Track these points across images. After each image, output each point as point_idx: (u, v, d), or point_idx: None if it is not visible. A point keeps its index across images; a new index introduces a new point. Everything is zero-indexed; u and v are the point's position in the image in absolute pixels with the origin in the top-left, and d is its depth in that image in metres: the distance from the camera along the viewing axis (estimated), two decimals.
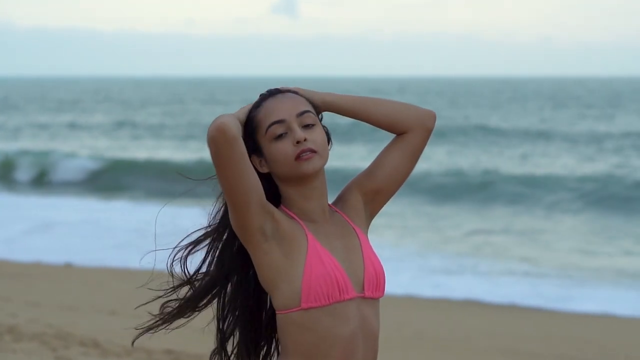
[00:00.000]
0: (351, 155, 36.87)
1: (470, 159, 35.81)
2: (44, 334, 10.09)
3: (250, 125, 3.09)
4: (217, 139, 2.88)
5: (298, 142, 3.01)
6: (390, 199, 3.30)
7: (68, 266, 15.34)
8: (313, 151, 3.03)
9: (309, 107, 3.10)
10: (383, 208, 3.30)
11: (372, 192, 3.24)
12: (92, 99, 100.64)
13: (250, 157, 3.06)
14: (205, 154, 38.28)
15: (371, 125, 3.30)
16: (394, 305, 11.29)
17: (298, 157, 3.02)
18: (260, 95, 3.16)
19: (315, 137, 3.04)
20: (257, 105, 3.11)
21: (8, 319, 10.85)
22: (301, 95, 3.13)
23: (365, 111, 3.23)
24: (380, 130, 3.26)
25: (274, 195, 3.15)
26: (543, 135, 45.93)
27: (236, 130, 2.90)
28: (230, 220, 3.04)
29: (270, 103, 3.08)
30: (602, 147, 39.90)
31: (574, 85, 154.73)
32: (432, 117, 3.27)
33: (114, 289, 13.55)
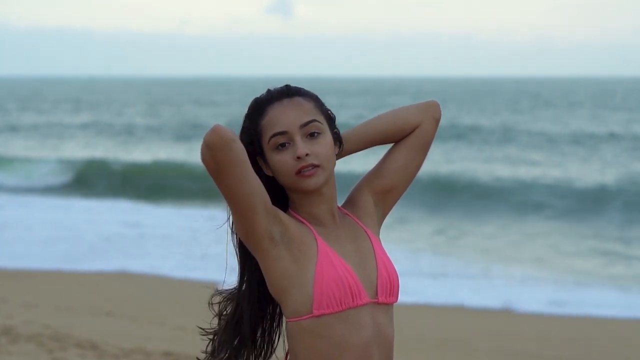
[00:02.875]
0: (348, 157, 36.66)
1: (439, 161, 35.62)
2: (41, 336, 10.04)
3: (255, 130, 2.98)
4: (214, 143, 2.75)
5: (299, 158, 2.91)
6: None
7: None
8: (315, 166, 2.92)
9: (315, 115, 2.97)
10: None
11: (383, 190, 3.13)
12: (78, 99, 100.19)
13: (255, 158, 2.98)
14: (161, 153, 38.12)
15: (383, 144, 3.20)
16: (394, 308, 11.23)
17: (299, 173, 2.92)
18: (268, 91, 3.03)
19: (318, 149, 2.92)
20: (262, 111, 2.98)
21: (4, 321, 10.79)
22: (310, 99, 3.01)
23: (368, 132, 3.14)
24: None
25: (281, 198, 3.05)
26: (525, 135, 45.86)
27: (232, 132, 2.78)
28: (236, 228, 2.92)
29: (274, 111, 2.96)
30: (579, 149, 39.78)
31: (570, 86, 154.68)
32: (436, 106, 3.19)
33: (110, 290, 13.49)
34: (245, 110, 3.11)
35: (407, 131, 3.15)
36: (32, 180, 31.40)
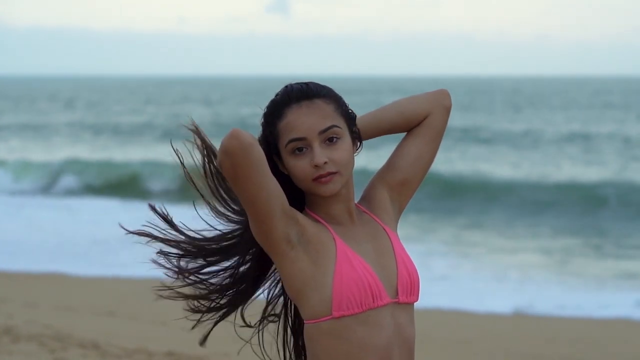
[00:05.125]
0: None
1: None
2: (42, 336, 9.98)
3: (272, 132, 2.91)
4: (233, 148, 2.68)
5: (316, 166, 2.84)
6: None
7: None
8: (333, 173, 2.86)
9: (335, 119, 2.90)
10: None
11: (398, 184, 3.07)
12: (73, 98, 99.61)
13: (271, 157, 2.92)
14: (112, 153, 37.83)
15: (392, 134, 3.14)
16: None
17: (316, 179, 2.86)
18: (286, 89, 2.94)
19: (337, 155, 2.86)
20: (279, 113, 2.90)
21: (5, 320, 10.73)
22: (330, 100, 2.93)
23: (377, 122, 3.08)
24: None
25: (297, 195, 2.98)
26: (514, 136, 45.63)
27: (252, 137, 2.71)
28: (253, 232, 2.86)
29: (292, 114, 2.88)
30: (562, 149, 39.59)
31: (570, 85, 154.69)
32: (446, 94, 3.12)
33: (111, 290, 13.43)
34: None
35: (417, 121, 3.10)
36: (23, 181, 31.00)
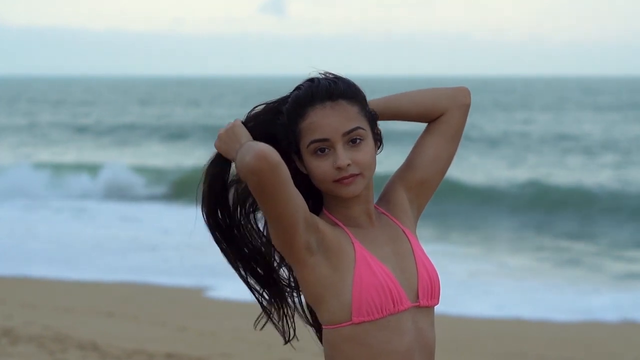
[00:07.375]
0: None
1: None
2: (41, 337, 9.93)
3: (294, 131, 2.85)
4: (261, 168, 2.61)
5: (339, 168, 2.79)
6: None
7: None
8: (355, 175, 2.81)
9: (359, 121, 2.84)
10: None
11: (417, 184, 3.02)
12: (64, 99, 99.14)
13: (289, 155, 2.85)
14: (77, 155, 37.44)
15: (405, 121, 3.07)
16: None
17: (338, 181, 2.81)
18: (311, 87, 2.87)
19: (360, 156, 2.80)
20: (302, 112, 2.84)
21: (4, 322, 10.68)
22: (355, 101, 2.86)
23: (392, 107, 3.01)
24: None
25: (315, 195, 2.93)
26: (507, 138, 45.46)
27: (277, 154, 2.64)
28: (273, 240, 2.80)
29: (316, 115, 2.82)
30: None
31: (563, 85, 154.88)
32: (466, 92, 3.07)
33: (110, 290, 13.39)
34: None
35: (433, 116, 3.04)
36: (20, 182, 30.62)
